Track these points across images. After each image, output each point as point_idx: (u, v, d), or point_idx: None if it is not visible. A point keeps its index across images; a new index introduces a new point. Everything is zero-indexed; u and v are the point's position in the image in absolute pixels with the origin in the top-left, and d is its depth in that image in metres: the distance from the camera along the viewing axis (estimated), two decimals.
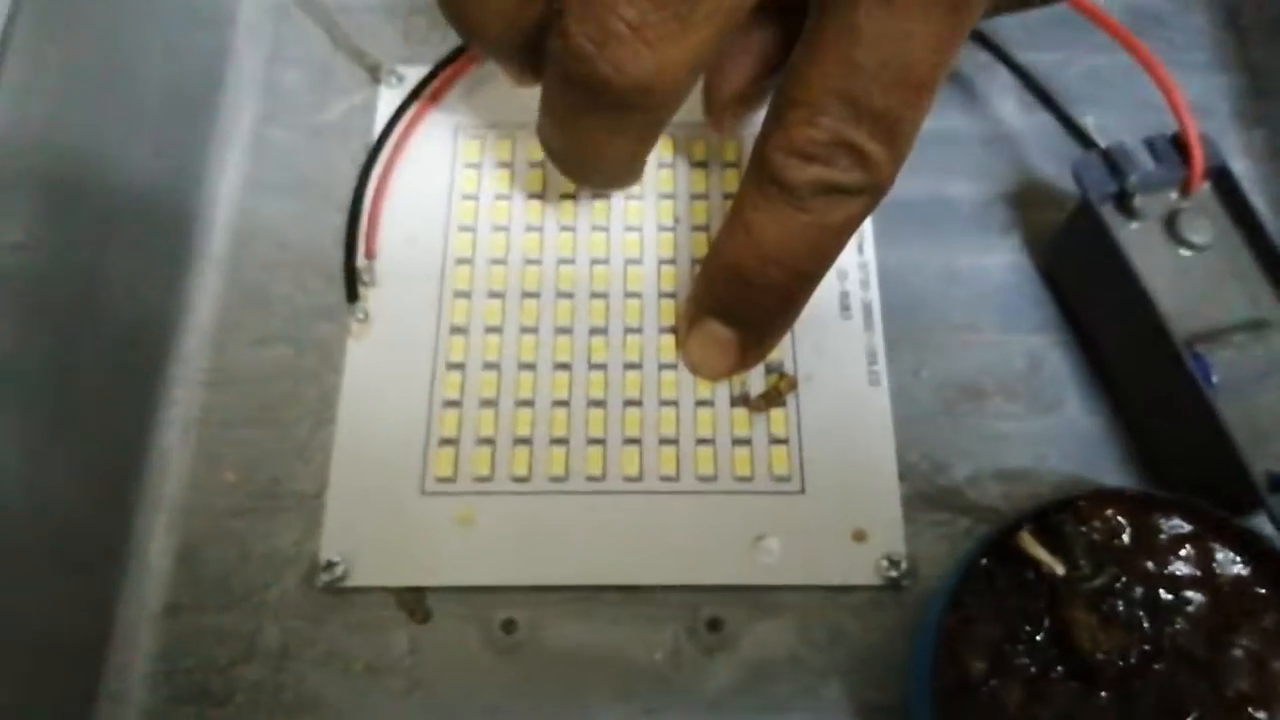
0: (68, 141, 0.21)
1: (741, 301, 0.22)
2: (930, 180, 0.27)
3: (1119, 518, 0.21)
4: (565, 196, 0.26)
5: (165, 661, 0.22)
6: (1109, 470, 0.24)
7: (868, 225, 0.26)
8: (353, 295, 0.24)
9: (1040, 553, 0.21)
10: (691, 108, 0.21)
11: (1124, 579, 0.21)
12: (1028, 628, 0.21)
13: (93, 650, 0.21)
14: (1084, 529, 0.21)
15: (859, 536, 0.23)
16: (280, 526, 0.23)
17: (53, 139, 0.21)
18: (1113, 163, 0.24)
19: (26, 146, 0.20)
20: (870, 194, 0.20)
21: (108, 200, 0.22)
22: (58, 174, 0.21)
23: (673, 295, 0.25)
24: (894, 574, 0.22)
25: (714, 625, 0.22)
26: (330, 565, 0.22)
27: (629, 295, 0.25)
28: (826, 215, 0.20)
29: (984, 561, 0.21)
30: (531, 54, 0.21)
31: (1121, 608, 0.21)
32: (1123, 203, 0.24)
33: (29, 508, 0.20)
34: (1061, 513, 0.21)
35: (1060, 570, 0.21)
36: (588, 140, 0.21)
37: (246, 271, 0.25)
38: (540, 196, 0.26)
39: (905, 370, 0.25)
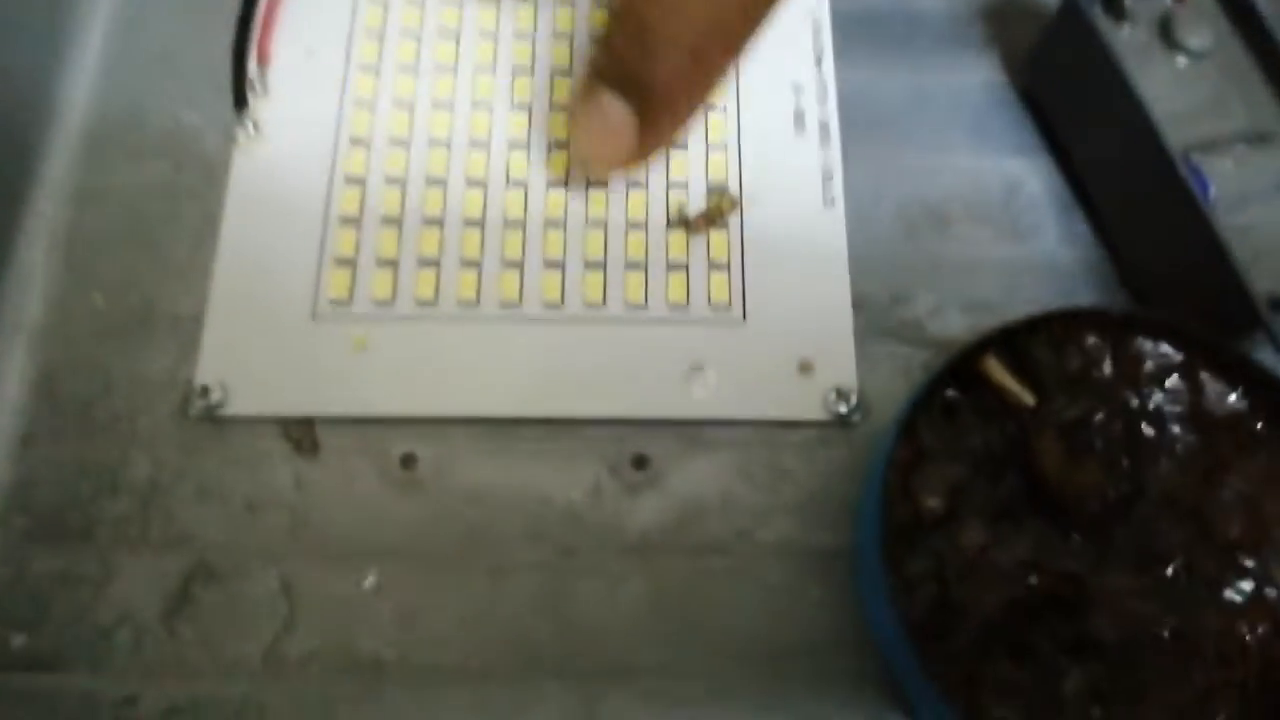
0: None
1: (641, 64, 0.19)
2: None
3: (1098, 342, 0.19)
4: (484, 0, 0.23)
5: (19, 495, 0.19)
6: (1089, 302, 0.22)
7: (826, 37, 0.23)
8: (240, 100, 0.22)
9: (1007, 380, 0.19)
10: None
11: (1102, 412, 0.18)
12: (991, 466, 0.18)
13: None
14: (1058, 354, 0.19)
15: (805, 368, 0.20)
16: (153, 352, 0.20)
17: None
18: None
19: None
20: None
21: None
22: None
23: None
24: (843, 409, 0.20)
25: (640, 462, 0.20)
26: (205, 391, 0.19)
27: (555, 108, 0.22)
28: None
29: (943, 391, 0.18)
30: None
31: (1099, 444, 0.18)
32: (1112, 4, 0.22)
33: None
34: (1032, 335, 0.19)
35: (1030, 401, 0.18)
36: None
37: (125, 80, 0.23)
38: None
39: (864, 193, 0.22)
